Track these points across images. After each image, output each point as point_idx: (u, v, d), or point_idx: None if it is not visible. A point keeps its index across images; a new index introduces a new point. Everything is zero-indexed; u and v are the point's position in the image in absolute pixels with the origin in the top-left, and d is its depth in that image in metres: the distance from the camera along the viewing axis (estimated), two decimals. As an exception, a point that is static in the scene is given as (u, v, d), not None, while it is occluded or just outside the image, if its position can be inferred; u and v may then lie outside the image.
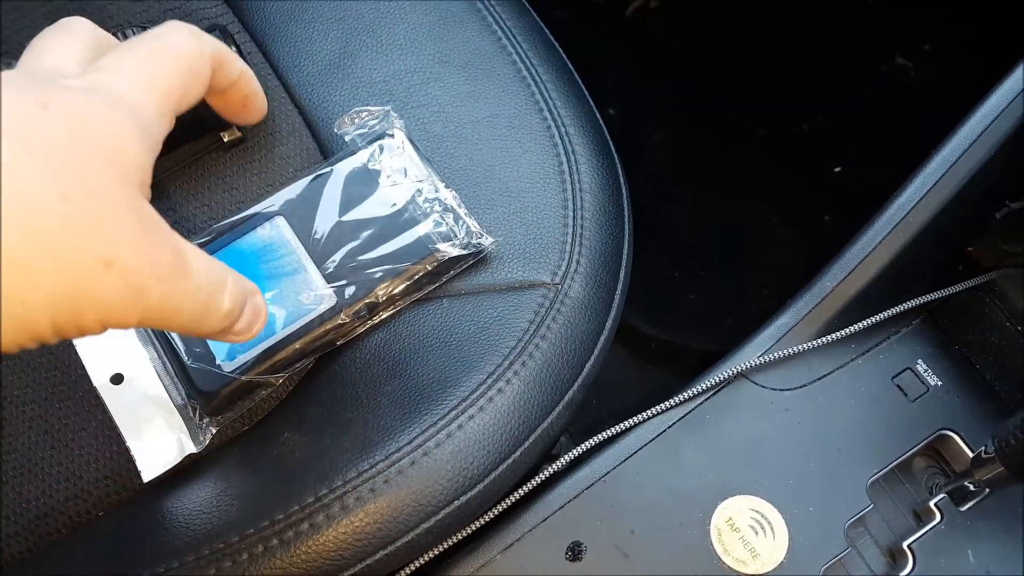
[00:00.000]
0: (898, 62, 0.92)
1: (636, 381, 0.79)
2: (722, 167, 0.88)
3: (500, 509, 0.39)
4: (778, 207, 0.86)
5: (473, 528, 0.38)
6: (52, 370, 0.43)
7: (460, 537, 0.38)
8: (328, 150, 0.47)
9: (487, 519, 0.38)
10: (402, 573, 0.37)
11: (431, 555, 0.37)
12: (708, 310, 0.81)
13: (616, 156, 0.48)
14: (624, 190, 0.47)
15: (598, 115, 0.49)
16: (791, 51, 0.90)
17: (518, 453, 0.38)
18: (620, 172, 0.48)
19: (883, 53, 0.91)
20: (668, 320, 0.81)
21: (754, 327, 0.46)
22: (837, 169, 0.88)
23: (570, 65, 0.51)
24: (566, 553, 0.38)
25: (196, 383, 0.40)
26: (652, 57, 0.92)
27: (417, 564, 0.37)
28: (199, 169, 0.47)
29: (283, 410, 0.42)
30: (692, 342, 0.79)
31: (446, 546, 0.38)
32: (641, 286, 0.66)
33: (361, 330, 0.43)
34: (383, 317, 0.43)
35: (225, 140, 0.47)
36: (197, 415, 0.40)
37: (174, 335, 0.41)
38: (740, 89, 0.89)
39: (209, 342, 0.41)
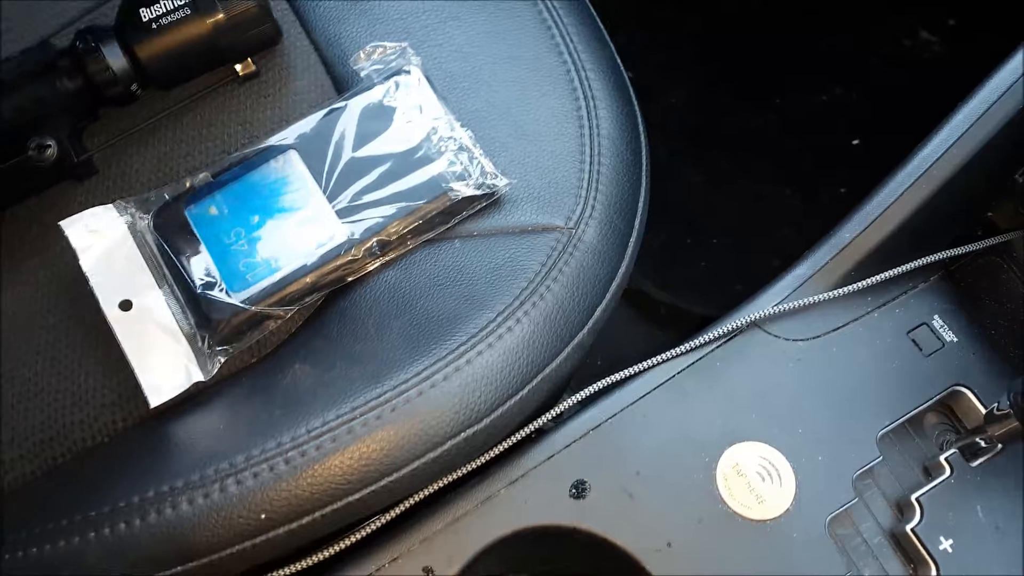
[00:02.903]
0: (922, 37, 0.90)
1: (643, 344, 0.78)
2: (738, 135, 0.87)
3: (506, 446, 0.39)
4: (794, 177, 0.85)
5: (478, 463, 0.38)
6: (61, 297, 0.43)
7: (465, 471, 0.38)
8: (343, 87, 0.47)
9: (492, 455, 0.38)
10: (408, 502, 0.37)
11: (436, 487, 0.37)
12: (719, 277, 0.80)
13: (636, 104, 0.47)
14: (643, 139, 0.46)
15: (619, 62, 0.48)
16: (813, 20, 0.88)
17: (525, 391, 0.38)
18: (640, 120, 0.47)
19: (907, 27, 0.90)
20: (678, 285, 0.80)
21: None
22: (855, 142, 0.87)
23: (592, 11, 0.50)
24: (570, 490, 0.38)
25: (206, 312, 0.40)
26: (672, 23, 0.91)
27: (422, 495, 0.37)
28: (212, 102, 0.47)
29: (292, 343, 0.41)
30: (701, 308, 0.79)
31: (451, 479, 0.38)
32: (652, 251, 0.65)
33: (372, 267, 0.42)
34: (394, 255, 0.43)
35: (240, 73, 0.46)
36: (206, 344, 0.40)
37: (185, 263, 0.41)
38: (759, 57, 0.88)
39: (220, 272, 0.41)
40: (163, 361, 0.40)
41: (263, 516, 0.33)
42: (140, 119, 0.46)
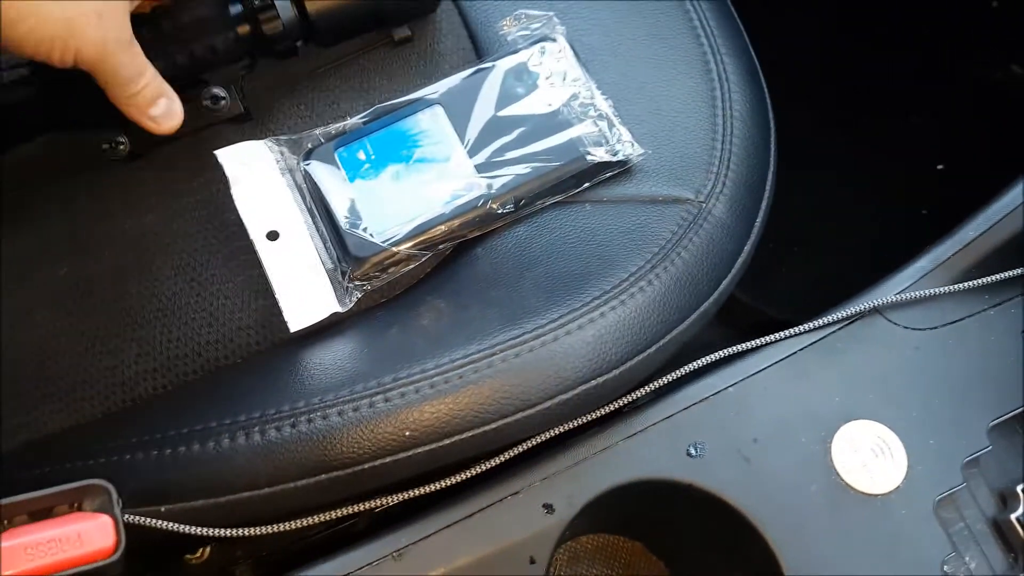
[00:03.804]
0: (1014, 71, 0.90)
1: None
2: (822, 149, 0.88)
3: (629, 399, 0.40)
4: (875, 194, 0.86)
5: (602, 412, 0.39)
6: (206, 223, 0.46)
7: (589, 419, 0.39)
8: (483, 51, 0.49)
9: (616, 406, 0.40)
10: (532, 441, 0.39)
11: (560, 430, 0.39)
12: (795, 285, 0.81)
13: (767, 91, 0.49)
14: (772, 124, 0.48)
15: (752, 49, 0.50)
16: (905, 43, 0.89)
17: (652, 350, 0.40)
18: (769, 106, 0.48)
19: (999, 60, 0.90)
20: (756, 290, 0.81)
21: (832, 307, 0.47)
22: (940, 167, 0.88)
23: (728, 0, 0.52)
24: (688, 450, 0.40)
25: (350, 248, 0.42)
26: (764, 31, 0.92)
27: (545, 437, 0.39)
28: (363, 61, 0.49)
29: (424, 285, 0.43)
30: (773, 312, 0.80)
31: (575, 425, 0.39)
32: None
33: (504, 222, 0.44)
34: (526, 213, 0.44)
35: (396, 39, 0.48)
36: (346, 279, 0.42)
37: (333, 201, 0.43)
38: (844, 77, 0.89)
39: (364, 213, 0.43)
40: (304, 290, 0.42)
41: (407, 433, 0.35)
42: (296, 72, 0.49)
